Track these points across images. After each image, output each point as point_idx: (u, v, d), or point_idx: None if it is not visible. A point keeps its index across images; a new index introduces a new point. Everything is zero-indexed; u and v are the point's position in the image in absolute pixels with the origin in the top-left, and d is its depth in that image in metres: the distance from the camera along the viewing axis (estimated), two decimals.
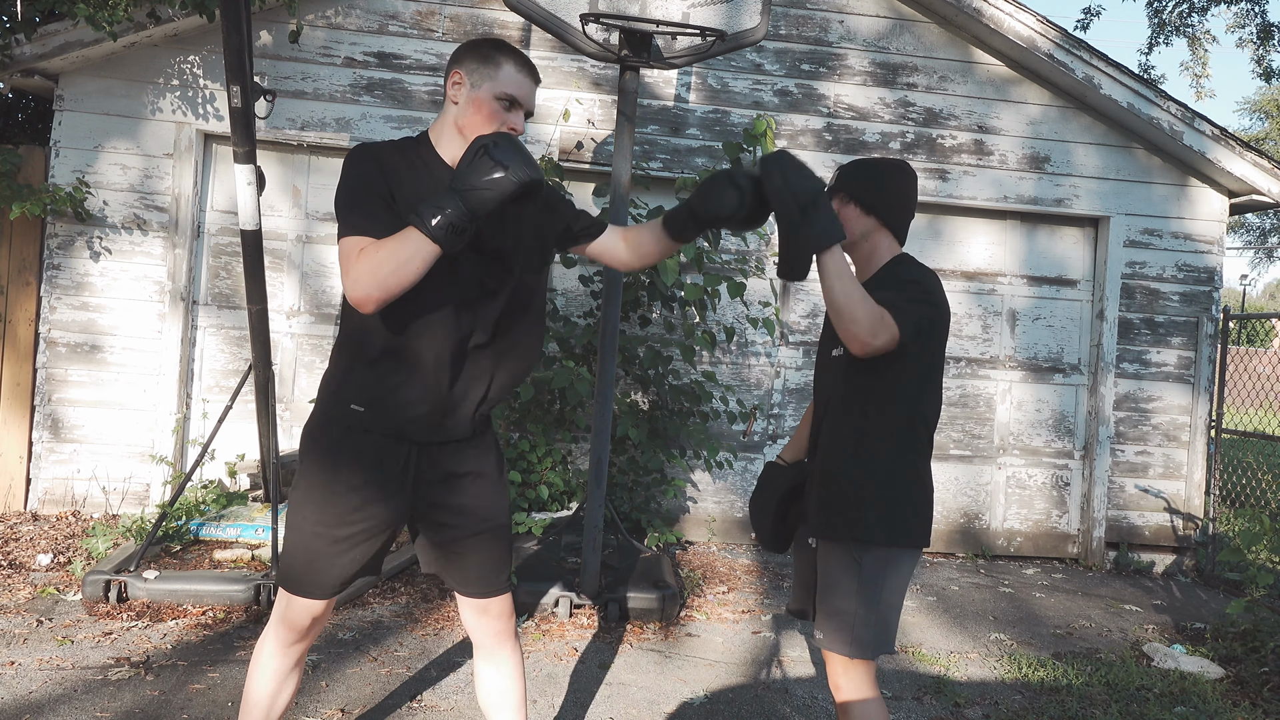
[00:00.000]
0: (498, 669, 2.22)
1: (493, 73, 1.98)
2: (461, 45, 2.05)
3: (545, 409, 5.20)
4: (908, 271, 2.22)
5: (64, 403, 5.15)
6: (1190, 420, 5.87)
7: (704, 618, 4.22)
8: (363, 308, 1.81)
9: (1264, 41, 11.90)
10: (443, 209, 1.77)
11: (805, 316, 5.75)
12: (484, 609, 2.17)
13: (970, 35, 5.68)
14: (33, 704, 2.91)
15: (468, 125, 1.98)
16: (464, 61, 2.01)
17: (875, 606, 2.16)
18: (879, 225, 2.27)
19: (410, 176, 1.95)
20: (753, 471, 5.71)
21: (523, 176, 1.78)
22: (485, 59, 1.99)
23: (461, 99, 1.99)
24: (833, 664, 2.23)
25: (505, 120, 1.99)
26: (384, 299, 1.80)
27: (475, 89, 1.98)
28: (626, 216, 3.92)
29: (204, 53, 5.19)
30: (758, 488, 2.50)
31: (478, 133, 1.96)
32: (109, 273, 5.17)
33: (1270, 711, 3.47)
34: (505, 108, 1.99)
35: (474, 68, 1.99)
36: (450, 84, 2.01)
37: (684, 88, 5.54)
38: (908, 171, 2.30)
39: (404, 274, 1.79)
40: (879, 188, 2.26)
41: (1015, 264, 5.91)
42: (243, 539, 4.36)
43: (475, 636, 2.22)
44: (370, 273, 1.79)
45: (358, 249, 1.83)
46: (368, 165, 1.92)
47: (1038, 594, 5.05)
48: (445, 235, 1.78)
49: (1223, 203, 5.87)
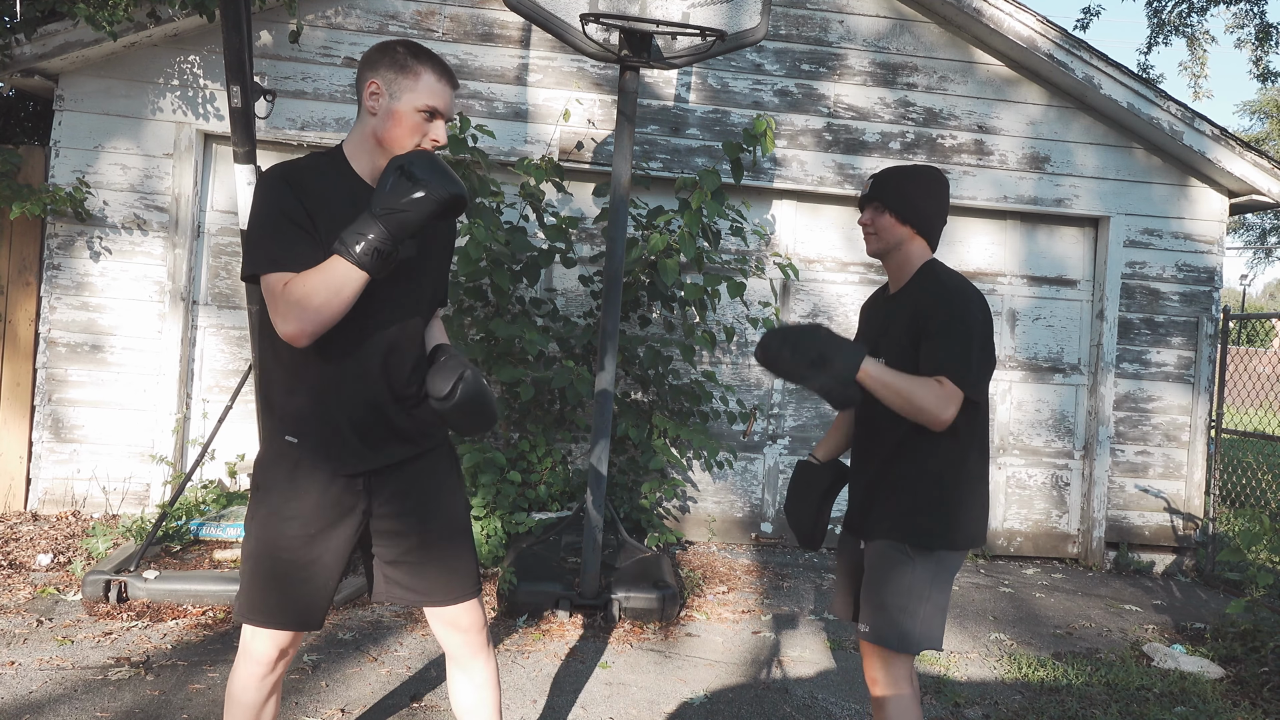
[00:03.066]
0: (470, 679, 2.16)
1: (412, 84, 1.89)
2: (373, 49, 1.94)
3: (545, 409, 5.20)
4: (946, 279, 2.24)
5: (64, 403, 5.15)
6: (1190, 420, 5.87)
7: (704, 618, 4.22)
8: (296, 342, 1.78)
9: (1263, 42, 11.92)
10: (365, 235, 1.73)
11: (805, 316, 5.75)
12: (453, 620, 2.10)
13: (970, 35, 5.68)
14: (33, 704, 2.91)
15: (388, 138, 1.90)
16: (379, 70, 1.90)
17: (923, 603, 2.18)
18: (913, 234, 2.28)
19: (328, 198, 1.88)
20: (753, 472, 5.71)
21: (442, 194, 1.74)
22: (403, 68, 1.90)
23: (380, 110, 1.90)
24: (872, 657, 2.25)
25: (427, 132, 1.92)
26: (316, 332, 1.78)
27: (394, 100, 1.89)
28: (626, 216, 3.92)
29: (204, 53, 5.19)
30: (794, 488, 2.52)
31: (399, 146, 1.90)
32: (109, 273, 5.17)
33: (1270, 711, 3.47)
34: (426, 119, 1.91)
35: (392, 78, 1.89)
36: (367, 94, 1.91)
37: (684, 88, 5.54)
38: (941, 180, 2.32)
39: (335, 305, 1.76)
40: (914, 198, 2.27)
41: (1015, 264, 5.91)
42: (242, 539, 4.36)
43: (447, 647, 2.15)
44: (298, 306, 1.75)
45: (281, 284, 1.78)
46: (282, 192, 1.84)
47: (1038, 594, 5.05)
48: (372, 261, 1.74)
49: (1223, 203, 5.87)
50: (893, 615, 2.19)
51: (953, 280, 2.24)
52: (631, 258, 4.60)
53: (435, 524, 2.06)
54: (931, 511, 2.19)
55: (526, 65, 5.43)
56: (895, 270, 2.32)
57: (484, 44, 5.40)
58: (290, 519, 1.95)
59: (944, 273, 2.27)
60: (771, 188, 5.63)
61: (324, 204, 1.87)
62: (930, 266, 2.28)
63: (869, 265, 5.78)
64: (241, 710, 2.07)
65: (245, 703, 2.06)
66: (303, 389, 1.93)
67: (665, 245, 4.61)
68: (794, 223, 5.74)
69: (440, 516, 2.07)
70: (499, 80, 5.41)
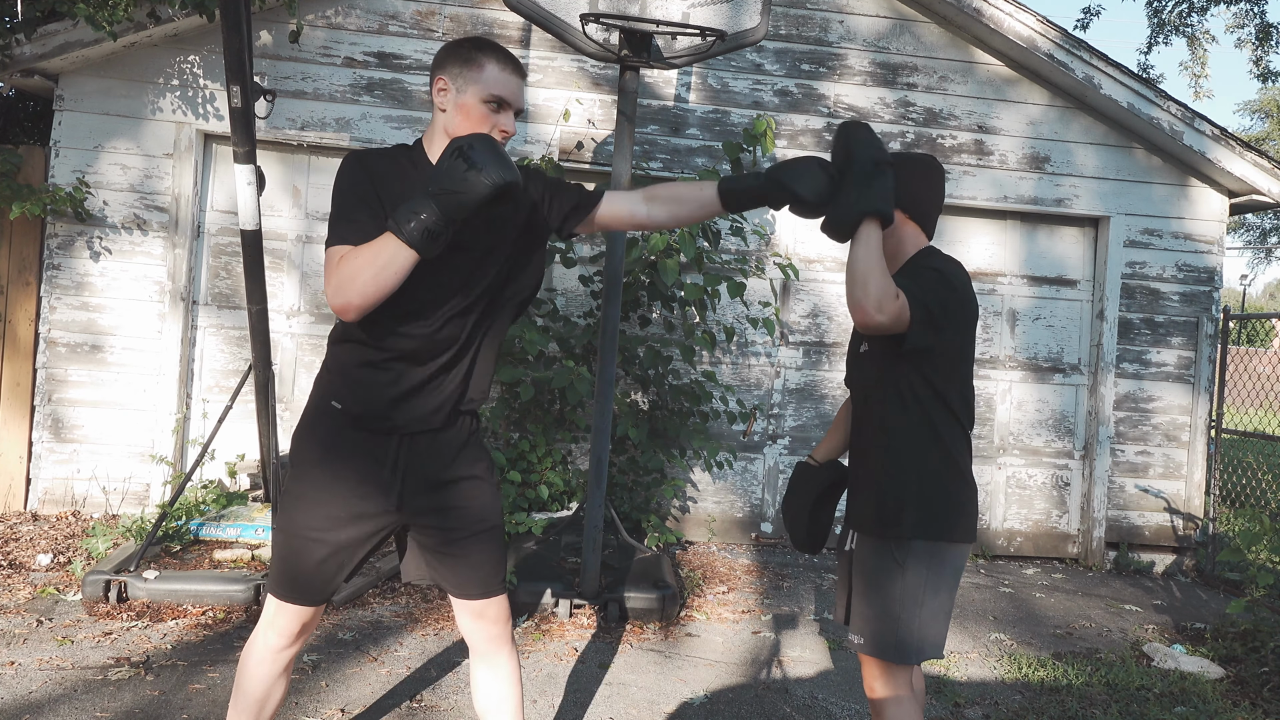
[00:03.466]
0: (494, 673, 2.18)
1: (477, 75, 1.95)
2: (442, 49, 2.02)
3: (545, 409, 5.20)
4: (931, 262, 2.22)
5: (64, 403, 5.15)
6: (1190, 420, 5.87)
7: (704, 618, 4.22)
8: (344, 315, 1.82)
9: (1263, 42, 11.92)
10: (418, 213, 1.77)
11: (805, 316, 5.75)
12: (480, 612, 2.13)
13: (970, 35, 5.68)
14: (33, 704, 2.91)
15: (458, 131, 1.95)
16: (446, 66, 1.98)
17: (918, 609, 2.10)
18: (906, 219, 2.26)
19: (400, 183, 1.94)
20: (752, 472, 5.71)
21: (497, 179, 1.76)
22: (467, 61, 1.96)
23: (449, 105, 1.97)
24: (869, 666, 2.18)
25: (496, 123, 1.97)
26: (364, 306, 1.80)
27: (461, 94, 1.96)
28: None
29: (204, 53, 5.19)
30: (791, 489, 2.48)
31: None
32: (109, 273, 5.17)
33: (1270, 712, 3.47)
34: (494, 110, 1.97)
35: (457, 72, 1.96)
36: (436, 91, 1.99)
37: (684, 88, 5.55)
38: (935, 166, 2.31)
39: (382, 280, 1.79)
40: (907, 183, 2.24)
41: (1015, 264, 5.91)
42: (243, 539, 4.36)
43: (471, 641, 2.18)
44: (349, 280, 1.79)
45: (338, 257, 1.83)
46: (357, 173, 1.92)
47: (1038, 594, 5.05)
48: (421, 240, 1.77)
49: (1223, 203, 5.87)
50: (886, 626, 2.11)
51: (939, 261, 2.21)
52: (631, 258, 4.60)
53: (469, 519, 2.09)
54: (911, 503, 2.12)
55: (527, 65, 5.43)
56: (889, 255, 2.27)
57: None
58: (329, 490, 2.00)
59: (936, 258, 2.23)
60: None
61: (394, 187, 1.93)
62: (925, 253, 2.25)
63: None
64: (253, 684, 2.09)
65: (259, 676, 2.09)
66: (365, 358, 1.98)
67: (665, 245, 4.61)
68: (794, 222, 5.74)
69: (474, 512, 2.10)
70: None
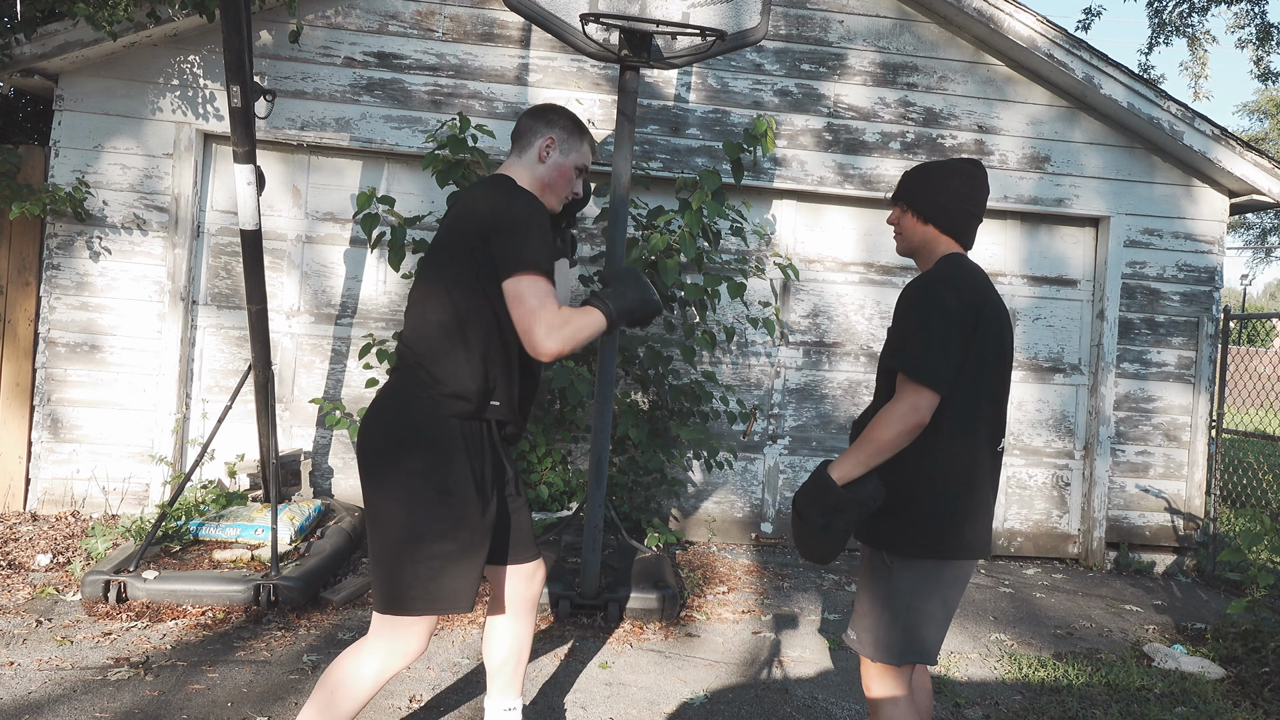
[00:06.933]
0: (523, 629, 2.50)
1: (578, 146, 2.43)
2: (553, 111, 2.43)
3: (545, 409, 5.19)
4: (930, 272, 2.21)
5: (63, 402, 5.15)
6: (1191, 420, 5.87)
7: (704, 618, 4.21)
8: (545, 357, 2.13)
9: (1263, 42, 11.91)
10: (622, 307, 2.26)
11: (805, 316, 5.75)
12: (532, 575, 2.50)
13: (971, 35, 5.67)
14: (32, 704, 2.91)
15: (552, 184, 2.40)
16: (557, 128, 2.40)
17: (900, 614, 2.16)
18: (938, 232, 2.26)
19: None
20: (753, 472, 5.71)
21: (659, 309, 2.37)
22: (574, 133, 2.42)
23: (550, 161, 2.39)
24: (865, 664, 2.28)
25: (574, 187, 2.46)
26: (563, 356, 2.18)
27: (564, 156, 2.40)
28: (626, 216, 3.92)
29: (204, 53, 5.19)
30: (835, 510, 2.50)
31: (559, 191, 2.42)
32: (109, 273, 5.17)
33: (1271, 712, 3.47)
34: (577, 176, 2.46)
35: (564, 138, 2.40)
36: (543, 145, 2.38)
37: (684, 88, 5.54)
38: (966, 173, 2.27)
39: (583, 341, 2.18)
40: (933, 196, 2.25)
41: (1016, 264, 5.90)
42: (242, 539, 4.36)
43: (511, 604, 2.49)
44: (571, 338, 2.14)
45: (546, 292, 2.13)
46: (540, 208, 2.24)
47: (1038, 594, 5.04)
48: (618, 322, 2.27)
49: (1223, 202, 5.86)
50: (875, 625, 2.19)
51: (941, 269, 2.20)
52: (631, 258, 4.60)
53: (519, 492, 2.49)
54: (908, 518, 2.14)
55: (527, 65, 5.43)
56: (923, 266, 2.29)
57: (484, 44, 5.39)
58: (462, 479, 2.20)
59: (942, 264, 2.22)
60: (772, 188, 5.63)
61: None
62: (939, 261, 2.24)
63: (869, 265, 5.77)
64: (354, 706, 2.18)
65: (361, 699, 2.19)
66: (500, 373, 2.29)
67: (665, 245, 4.61)
68: (794, 223, 5.74)
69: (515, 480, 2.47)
70: (499, 80, 5.40)
